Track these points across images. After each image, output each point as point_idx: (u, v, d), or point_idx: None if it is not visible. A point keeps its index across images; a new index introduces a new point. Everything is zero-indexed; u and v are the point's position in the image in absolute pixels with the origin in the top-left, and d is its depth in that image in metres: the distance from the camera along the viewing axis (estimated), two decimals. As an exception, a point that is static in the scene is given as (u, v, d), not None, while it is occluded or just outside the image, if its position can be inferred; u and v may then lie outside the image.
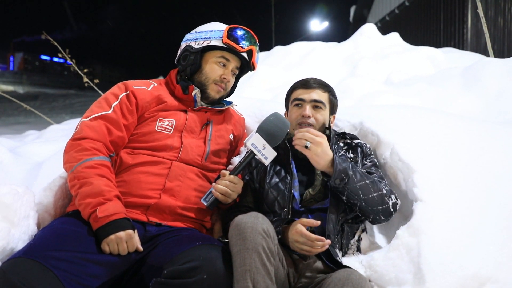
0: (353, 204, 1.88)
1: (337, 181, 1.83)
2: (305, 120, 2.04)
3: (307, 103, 2.06)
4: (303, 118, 2.04)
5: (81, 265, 1.54)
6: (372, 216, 1.90)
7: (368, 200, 1.86)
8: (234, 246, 1.54)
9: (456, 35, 11.06)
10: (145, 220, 1.81)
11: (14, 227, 1.72)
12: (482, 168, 2.05)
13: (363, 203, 1.85)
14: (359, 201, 1.85)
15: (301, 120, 2.04)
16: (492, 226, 1.77)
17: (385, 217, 1.90)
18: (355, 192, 1.84)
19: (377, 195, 1.86)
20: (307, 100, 2.07)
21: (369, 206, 1.86)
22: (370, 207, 1.86)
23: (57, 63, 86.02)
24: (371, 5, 17.03)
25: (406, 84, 3.99)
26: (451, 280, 1.53)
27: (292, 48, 6.11)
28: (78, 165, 1.76)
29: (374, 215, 1.89)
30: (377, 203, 1.86)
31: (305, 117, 2.04)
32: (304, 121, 2.04)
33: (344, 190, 1.84)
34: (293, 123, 2.07)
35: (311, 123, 2.04)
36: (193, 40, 2.10)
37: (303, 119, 2.04)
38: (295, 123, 2.06)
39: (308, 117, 2.04)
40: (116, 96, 1.97)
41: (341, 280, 1.54)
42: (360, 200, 1.85)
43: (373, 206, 1.86)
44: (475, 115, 3.14)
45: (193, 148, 1.99)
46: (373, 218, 1.91)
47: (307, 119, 2.04)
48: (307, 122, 2.04)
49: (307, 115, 2.04)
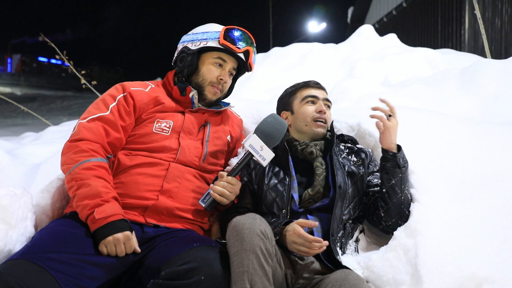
0: (393, 194, 1.85)
1: (401, 159, 1.85)
2: (322, 115, 2.03)
3: (321, 100, 2.07)
4: (320, 113, 2.04)
5: (78, 266, 1.54)
6: (396, 218, 1.86)
7: (406, 197, 1.86)
8: (232, 247, 1.54)
9: (453, 36, 11.08)
10: (142, 221, 1.81)
11: (11, 229, 1.72)
12: (480, 169, 2.05)
13: (402, 197, 1.85)
14: (402, 192, 1.85)
15: (318, 116, 2.04)
16: (490, 227, 1.78)
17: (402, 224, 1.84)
18: (405, 180, 1.86)
19: (409, 200, 1.87)
20: (321, 97, 2.08)
21: (403, 204, 1.85)
22: (403, 206, 1.85)
23: (55, 64, 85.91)
24: (368, 7, 17.05)
25: (404, 85, 3.98)
26: (448, 281, 1.54)
27: (290, 50, 6.11)
28: (75, 166, 1.76)
29: (399, 217, 1.85)
30: (408, 205, 1.86)
31: (322, 112, 2.04)
32: (321, 117, 2.03)
33: (400, 173, 1.85)
34: (308, 119, 2.05)
35: (326, 120, 2.05)
36: (189, 41, 2.10)
37: (320, 115, 2.04)
38: (310, 119, 2.04)
39: (324, 112, 2.04)
40: (114, 97, 1.97)
41: (338, 281, 1.55)
42: (403, 191, 1.85)
43: (405, 207, 1.85)
44: (473, 116, 3.14)
45: (191, 149, 1.99)
46: (395, 221, 1.86)
47: (323, 115, 2.04)
48: (323, 118, 2.04)
49: (325, 110, 2.04)
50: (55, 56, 5.34)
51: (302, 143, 2.03)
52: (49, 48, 5.48)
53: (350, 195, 1.94)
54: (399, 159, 1.86)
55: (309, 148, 2.01)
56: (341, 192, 1.90)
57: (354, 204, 1.95)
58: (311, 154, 2.00)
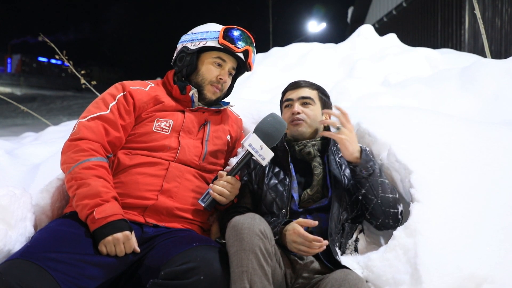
0: (369, 200, 1.87)
1: (363, 170, 1.84)
2: (295, 116, 2.05)
3: (296, 101, 2.09)
4: (293, 115, 2.06)
5: (78, 266, 1.54)
6: (382, 218, 1.88)
7: (384, 199, 1.86)
8: (231, 247, 1.54)
9: (453, 36, 11.07)
10: (142, 221, 1.81)
11: (11, 229, 1.72)
12: (479, 169, 2.05)
13: (379, 201, 1.86)
14: (376, 197, 1.85)
15: (292, 117, 2.06)
16: (489, 227, 1.78)
17: (393, 223, 1.89)
18: (375, 186, 1.85)
19: (392, 197, 1.88)
20: (295, 98, 2.10)
21: (383, 206, 1.86)
22: (384, 207, 1.86)
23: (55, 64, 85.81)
24: (368, 6, 17.04)
25: (404, 85, 3.98)
26: (448, 281, 1.53)
27: (290, 49, 6.11)
28: (75, 166, 1.76)
29: (385, 217, 1.88)
30: (391, 205, 1.87)
31: (294, 114, 2.05)
32: (295, 118, 2.05)
33: (366, 182, 1.85)
34: (287, 123, 2.07)
35: (302, 119, 2.05)
36: (189, 41, 2.10)
37: (293, 116, 2.06)
38: (288, 122, 2.07)
39: (298, 113, 2.05)
40: (114, 96, 1.97)
41: (338, 281, 1.55)
42: (377, 196, 1.85)
43: (387, 207, 1.87)
44: (472, 116, 3.14)
45: (191, 148, 1.99)
46: (382, 221, 1.89)
47: (297, 115, 2.05)
48: (297, 118, 2.05)
49: (296, 111, 2.05)
50: (55, 56, 5.34)
51: (300, 143, 2.04)
52: (49, 48, 5.48)
53: (348, 195, 1.94)
54: (360, 171, 1.85)
55: (307, 149, 2.01)
56: (338, 191, 1.90)
57: (351, 203, 1.95)
58: (309, 154, 2.01)
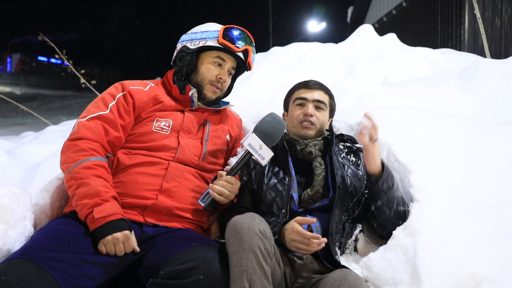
0: (382, 212, 1.87)
1: (385, 183, 1.83)
2: (308, 118, 2.03)
3: (310, 102, 2.06)
4: (306, 116, 2.03)
5: (78, 266, 1.54)
6: (389, 230, 1.85)
7: (396, 213, 1.86)
8: (231, 247, 1.54)
9: (453, 36, 11.08)
10: (142, 221, 1.81)
11: (10, 229, 1.72)
12: (479, 169, 2.05)
13: (392, 214, 1.86)
14: (390, 210, 1.85)
15: (304, 118, 2.04)
16: (489, 227, 1.78)
17: None
18: (391, 200, 1.85)
19: (403, 210, 1.87)
20: (310, 99, 2.07)
21: (393, 219, 1.86)
22: (395, 220, 1.86)
23: (54, 64, 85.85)
24: (368, 6, 17.04)
25: (403, 85, 3.98)
26: (447, 281, 1.54)
27: (290, 49, 6.11)
28: (75, 165, 1.76)
29: (393, 229, 1.83)
30: (400, 217, 1.86)
31: (307, 115, 2.03)
32: (307, 119, 2.03)
33: (385, 196, 1.85)
34: (294, 121, 2.06)
35: (313, 122, 2.04)
36: (188, 40, 2.10)
37: (305, 117, 2.04)
38: (296, 122, 2.05)
39: (311, 115, 2.03)
40: (113, 96, 1.97)
41: (337, 280, 1.55)
42: (391, 210, 1.85)
43: (398, 220, 1.86)
44: (472, 115, 3.14)
45: (190, 148, 1.99)
46: (389, 232, 1.84)
47: (310, 117, 2.03)
48: (309, 120, 2.03)
49: (310, 113, 2.03)
50: (54, 55, 5.34)
51: (301, 143, 2.03)
52: (49, 47, 5.48)
53: (350, 195, 1.93)
54: (382, 184, 1.84)
55: (308, 148, 2.01)
56: (341, 192, 1.89)
57: (353, 204, 1.94)
58: (310, 154, 2.00)
